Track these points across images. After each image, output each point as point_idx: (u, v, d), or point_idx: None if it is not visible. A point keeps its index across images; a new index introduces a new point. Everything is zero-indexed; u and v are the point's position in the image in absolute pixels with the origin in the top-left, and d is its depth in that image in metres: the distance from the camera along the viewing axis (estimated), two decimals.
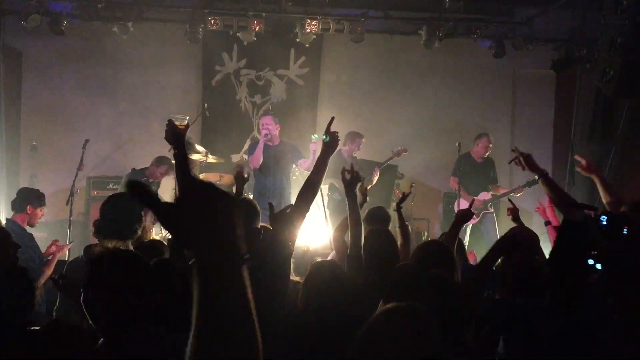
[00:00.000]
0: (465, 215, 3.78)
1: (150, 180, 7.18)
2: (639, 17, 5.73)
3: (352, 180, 3.39)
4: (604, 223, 2.35)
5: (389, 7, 8.42)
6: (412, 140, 8.28)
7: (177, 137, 2.91)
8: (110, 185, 7.87)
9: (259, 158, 6.64)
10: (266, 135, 6.67)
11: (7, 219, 5.19)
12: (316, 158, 6.39)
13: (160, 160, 7.13)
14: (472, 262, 4.37)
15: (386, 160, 7.77)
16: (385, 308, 1.94)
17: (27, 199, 5.24)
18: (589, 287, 2.30)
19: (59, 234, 6.68)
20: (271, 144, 6.79)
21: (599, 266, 2.27)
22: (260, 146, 6.67)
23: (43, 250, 5.07)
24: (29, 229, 5.18)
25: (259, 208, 3.18)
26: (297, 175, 7.44)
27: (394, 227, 4.27)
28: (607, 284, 2.22)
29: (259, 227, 3.04)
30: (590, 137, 7.80)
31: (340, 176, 3.45)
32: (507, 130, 9.32)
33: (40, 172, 8.23)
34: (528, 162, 3.31)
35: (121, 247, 3.11)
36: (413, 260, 3.10)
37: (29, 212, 5.19)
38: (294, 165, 7.04)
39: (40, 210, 5.31)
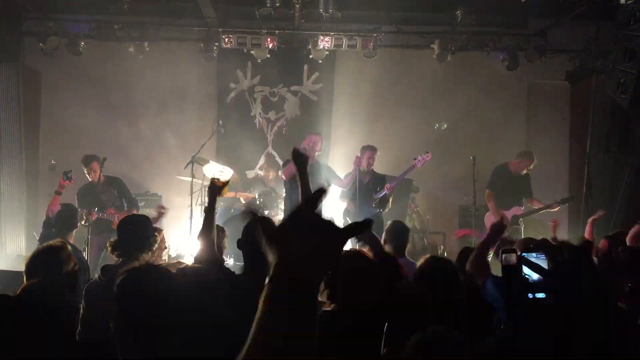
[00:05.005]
0: (498, 229, 3.48)
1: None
2: None
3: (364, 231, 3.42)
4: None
5: (401, 22, 8.45)
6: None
7: (213, 195, 3.31)
8: None
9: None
10: (304, 149, 6.32)
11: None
12: (357, 172, 6.41)
13: (86, 160, 7.05)
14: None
15: (405, 171, 7.17)
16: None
17: (76, 216, 5.08)
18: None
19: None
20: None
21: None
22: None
23: None
24: None
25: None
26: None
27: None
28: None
29: None
30: (607, 148, 7.71)
31: (354, 199, 3.48)
32: (522, 142, 9.24)
33: None
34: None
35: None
36: (417, 279, 3.10)
37: (77, 226, 5.02)
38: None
39: None
